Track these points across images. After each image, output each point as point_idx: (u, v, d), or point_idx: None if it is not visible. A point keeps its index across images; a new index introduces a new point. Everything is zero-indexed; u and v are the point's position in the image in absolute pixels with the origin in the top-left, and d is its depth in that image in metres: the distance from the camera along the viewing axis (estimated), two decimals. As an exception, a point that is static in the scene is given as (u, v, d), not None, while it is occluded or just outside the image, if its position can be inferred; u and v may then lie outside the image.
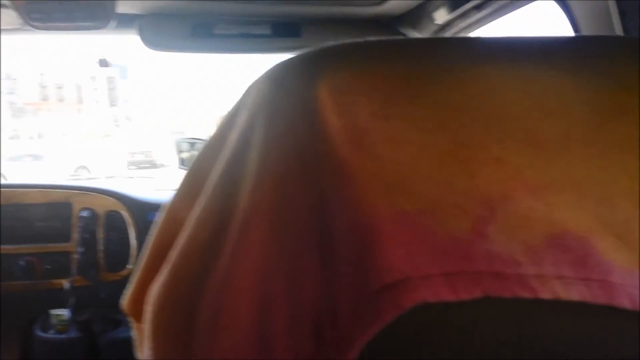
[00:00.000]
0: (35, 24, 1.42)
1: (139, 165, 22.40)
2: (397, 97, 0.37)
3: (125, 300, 0.57)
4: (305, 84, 0.41)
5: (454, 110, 0.36)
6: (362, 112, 0.37)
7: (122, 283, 1.73)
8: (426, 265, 0.33)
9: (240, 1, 1.45)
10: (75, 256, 1.71)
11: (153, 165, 22.68)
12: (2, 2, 1.39)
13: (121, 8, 1.43)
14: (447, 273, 0.32)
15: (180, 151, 1.73)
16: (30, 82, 64.68)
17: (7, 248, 1.71)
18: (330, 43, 0.44)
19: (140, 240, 1.75)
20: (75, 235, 1.73)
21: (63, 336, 1.60)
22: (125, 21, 1.50)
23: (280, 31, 1.56)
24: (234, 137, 0.45)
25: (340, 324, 0.35)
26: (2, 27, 1.59)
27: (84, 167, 18.10)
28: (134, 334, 0.59)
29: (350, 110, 0.37)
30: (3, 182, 2.09)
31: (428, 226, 0.33)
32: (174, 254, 0.47)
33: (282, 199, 0.39)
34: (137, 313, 0.57)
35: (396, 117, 0.36)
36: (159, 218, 0.53)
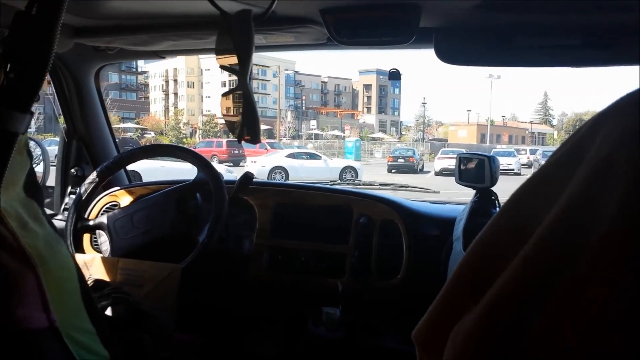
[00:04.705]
0: (342, 39, 1.49)
1: (400, 170, 23.31)
2: None
3: (418, 328, 0.53)
4: None
5: None
6: None
7: (391, 292, 1.76)
8: None
9: (545, 11, 1.32)
10: (351, 259, 1.78)
11: (412, 170, 23.34)
12: (312, 19, 1.49)
13: (421, 22, 1.42)
14: None
15: (461, 165, 1.67)
16: (313, 89, 72.92)
17: (291, 243, 1.86)
18: None
19: (413, 252, 1.74)
20: (353, 239, 1.80)
21: (333, 334, 1.67)
22: (423, 35, 1.47)
23: (592, 42, 1.36)
24: (582, 172, 0.40)
25: None
26: (309, 42, 1.72)
27: (351, 168, 19.59)
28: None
29: None
30: (292, 182, 2.28)
31: None
32: (490, 294, 0.44)
33: None
34: (429, 344, 0.53)
35: None
36: (469, 249, 0.49)
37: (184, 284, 1.56)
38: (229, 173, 16.60)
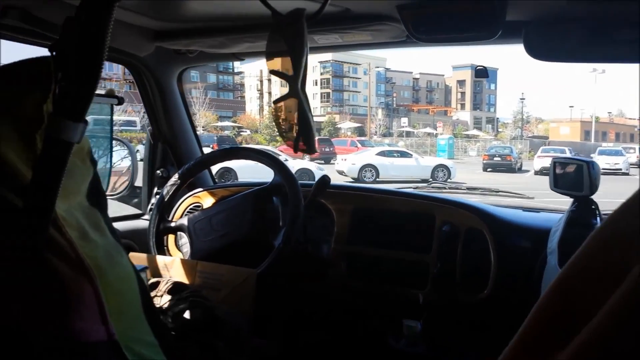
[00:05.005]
0: (421, 36, 1.42)
1: (496, 168, 22.41)
2: None
3: None
4: None
5: None
6: None
7: (477, 307, 1.65)
8: None
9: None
10: (433, 270, 1.68)
11: (510, 169, 22.35)
12: (388, 16, 1.42)
13: (508, 15, 1.32)
14: None
15: (556, 170, 1.53)
16: (404, 86, 72.04)
17: (370, 250, 1.79)
18: None
19: (501, 265, 1.61)
20: (435, 248, 1.70)
21: (413, 349, 1.58)
22: (510, 29, 1.37)
23: None
24: None
25: None
26: (387, 40, 1.65)
27: (444, 167, 19.12)
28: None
29: None
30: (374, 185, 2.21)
31: None
32: (593, 326, 0.35)
33: None
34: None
35: None
36: (566, 265, 0.41)
37: (261, 288, 1.54)
38: (320, 170, 16.80)
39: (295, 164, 17.08)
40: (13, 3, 1.23)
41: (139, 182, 2.16)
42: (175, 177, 1.82)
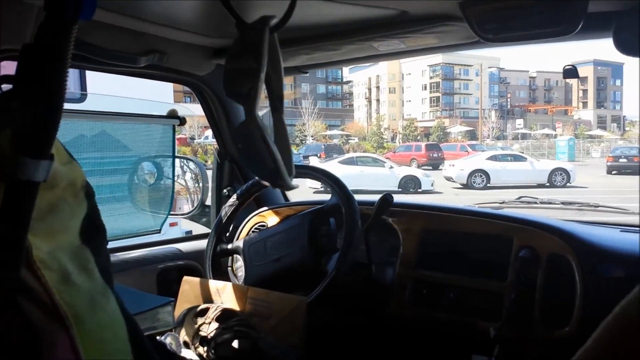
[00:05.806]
0: (488, 36, 1.28)
1: (621, 171, 20.60)
2: None
3: None
4: None
5: None
6: None
7: (556, 345, 1.41)
8: None
9: None
10: (508, 300, 1.47)
11: (638, 172, 20.46)
12: (451, 15, 1.30)
13: (593, 6, 1.13)
14: None
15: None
16: (520, 85, 68.62)
17: (438, 276, 1.61)
18: None
19: (588, 298, 1.37)
20: (511, 276, 1.49)
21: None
22: (596, 21, 1.19)
23: None
24: None
25: None
26: (457, 42, 1.53)
27: (562, 170, 17.88)
28: None
29: None
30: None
31: None
32: None
33: None
34: None
35: None
36: None
37: (313, 318, 1.43)
38: (427, 177, 16.42)
39: (401, 171, 16.85)
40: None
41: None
42: (233, 198, 1.77)
